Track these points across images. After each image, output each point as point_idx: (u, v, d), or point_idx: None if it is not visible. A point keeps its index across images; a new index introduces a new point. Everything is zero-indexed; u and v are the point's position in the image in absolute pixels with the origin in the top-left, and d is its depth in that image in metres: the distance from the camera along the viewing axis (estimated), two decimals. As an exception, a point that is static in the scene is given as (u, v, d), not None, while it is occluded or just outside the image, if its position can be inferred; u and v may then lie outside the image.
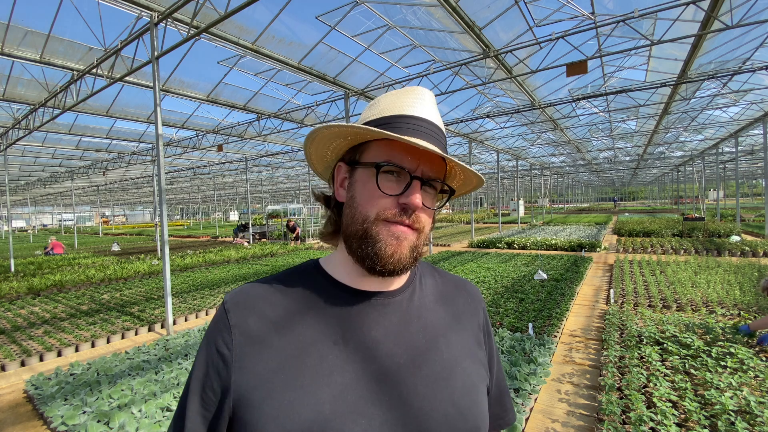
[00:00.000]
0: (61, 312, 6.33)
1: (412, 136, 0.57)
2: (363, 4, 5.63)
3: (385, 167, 0.57)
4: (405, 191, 0.56)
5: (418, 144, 0.54)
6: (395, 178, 0.58)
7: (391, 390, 0.55)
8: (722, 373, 3.18)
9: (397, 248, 0.56)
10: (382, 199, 0.57)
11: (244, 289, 0.62)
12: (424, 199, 0.58)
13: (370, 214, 0.57)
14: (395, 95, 0.62)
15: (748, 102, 10.93)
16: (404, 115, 0.60)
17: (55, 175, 20.49)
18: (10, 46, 5.92)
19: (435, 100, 0.65)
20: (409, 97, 0.62)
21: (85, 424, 2.83)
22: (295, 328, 0.57)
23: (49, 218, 63.05)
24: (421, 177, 0.57)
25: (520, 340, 4.12)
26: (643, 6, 5.57)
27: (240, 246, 16.03)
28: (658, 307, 5.32)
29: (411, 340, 0.60)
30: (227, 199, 55.46)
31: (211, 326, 0.60)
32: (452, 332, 0.66)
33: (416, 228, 0.58)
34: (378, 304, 0.61)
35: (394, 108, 0.61)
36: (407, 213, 0.56)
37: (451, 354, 0.63)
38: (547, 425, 2.82)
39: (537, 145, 18.54)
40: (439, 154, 0.56)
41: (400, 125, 0.58)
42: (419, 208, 0.57)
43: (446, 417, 0.56)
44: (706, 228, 13.38)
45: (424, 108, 0.61)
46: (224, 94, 8.86)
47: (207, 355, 0.58)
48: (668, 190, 57.93)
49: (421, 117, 0.60)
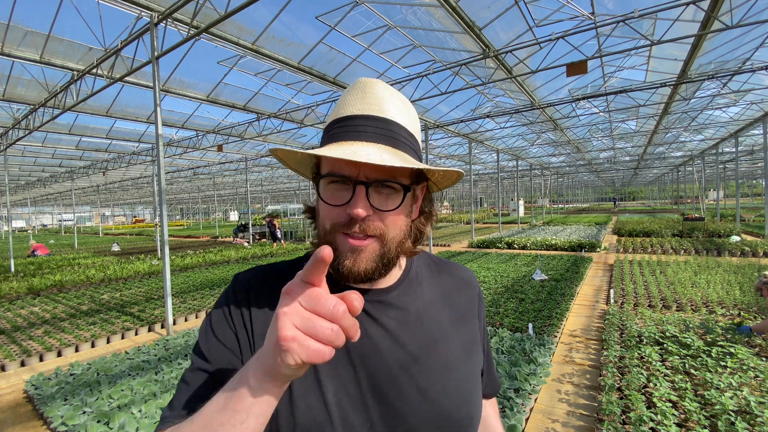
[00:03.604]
0: (61, 312, 6.32)
1: (351, 139, 0.55)
2: (363, 4, 5.63)
3: (327, 179, 0.56)
4: (350, 200, 0.54)
5: (336, 155, 0.51)
6: (341, 186, 0.55)
7: (391, 385, 0.57)
8: (722, 373, 3.18)
9: (354, 261, 0.55)
10: (332, 211, 0.56)
11: (257, 270, 0.66)
12: (377, 201, 0.55)
13: (327, 226, 0.57)
14: (345, 92, 0.61)
15: (748, 102, 10.92)
16: (344, 117, 0.58)
17: (55, 175, 20.48)
18: (10, 46, 5.92)
19: (386, 88, 0.60)
20: (354, 92, 0.60)
21: (85, 424, 2.83)
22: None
23: (49, 218, 63.06)
24: (366, 181, 0.54)
25: (520, 340, 4.12)
26: (643, 6, 5.57)
27: (240, 246, 16.03)
28: (658, 307, 5.32)
29: (409, 335, 0.61)
30: (227, 199, 55.45)
31: (228, 291, 0.63)
32: (449, 323, 0.67)
33: (372, 235, 0.55)
34: (375, 301, 0.62)
35: (339, 109, 0.60)
36: (353, 222, 0.54)
37: (448, 345, 0.64)
38: (547, 425, 2.82)
39: (537, 145, 18.54)
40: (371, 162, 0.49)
41: (340, 130, 0.57)
42: (365, 217, 0.54)
43: (445, 408, 0.58)
44: (706, 228, 13.37)
45: (366, 100, 0.58)
46: (224, 94, 8.86)
47: (225, 304, 0.61)
48: (668, 190, 57.91)
49: (358, 115, 0.57)
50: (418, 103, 9.89)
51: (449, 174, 0.63)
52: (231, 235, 23.01)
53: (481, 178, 38.46)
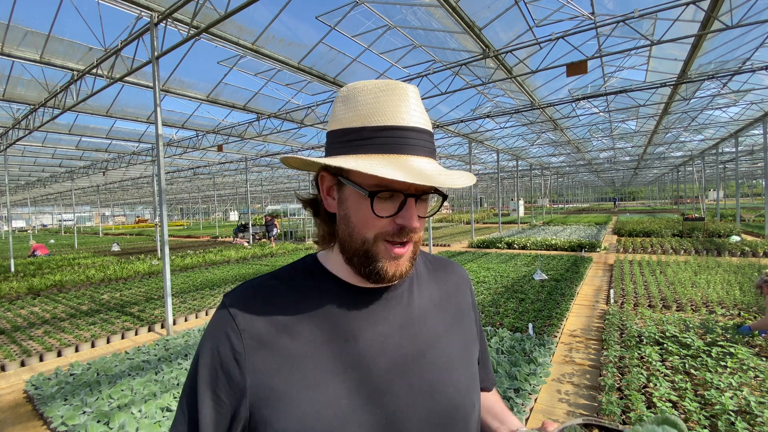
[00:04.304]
0: (61, 312, 6.32)
1: (403, 153, 0.53)
2: (363, 4, 5.63)
3: (379, 194, 0.54)
4: (400, 211, 0.55)
5: (413, 181, 0.48)
6: (388, 198, 0.55)
7: (401, 380, 0.58)
8: (722, 373, 3.18)
9: (397, 267, 0.58)
10: (378, 222, 0.56)
11: (247, 290, 0.61)
12: (418, 211, 0.58)
13: (369, 236, 0.56)
14: (374, 94, 0.55)
15: (748, 102, 10.92)
16: (390, 127, 0.53)
17: (55, 175, 20.48)
18: (10, 46, 5.92)
19: (419, 95, 0.58)
20: (392, 98, 0.55)
21: (85, 425, 2.83)
22: (306, 328, 0.58)
23: (49, 218, 63.04)
24: (415, 193, 0.56)
25: (520, 340, 4.12)
26: (643, 6, 5.57)
27: (240, 246, 16.03)
28: (658, 307, 5.32)
29: (415, 330, 0.63)
30: (227, 199, 55.45)
31: (214, 330, 0.57)
32: (450, 317, 0.70)
33: (413, 241, 0.59)
34: (382, 299, 0.63)
35: (377, 114, 0.54)
36: (404, 232, 0.56)
37: (450, 338, 0.67)
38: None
39: (537, 145, 18.54)
40: (434, 186, 0.51)
41: (389, 142, 0.53)
42: (416, 226, 0.57)
43: (451, 398, 0.61)
44: (706, 228, 13.37)
45: (411, 112, 0.55)
46: (224, 94, 8.86)
47: (214, 359, 0.55)
48: (668, 190, 57.91)
49: (409, 127, 0.54)
50: (418, 103, 9.87)
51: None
52: (231, 235, 23.01)
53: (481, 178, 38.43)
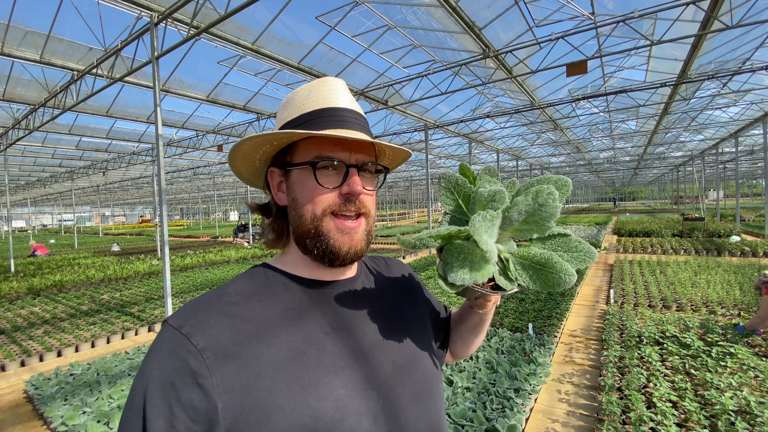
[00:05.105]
0: (61, 312, 6.32)
1: (338, 127, 0.59)
2: (363, 4, 5.63)
3: (321, 163, 0.58)
4: (344, 181, 0.59)
5: (348, 137, 0.56)
6: (332, 171, 0.59)
7: (378, 365, 0.60)
8: (722, 373, 3.18)
9: (351, 243, 0.60)
10: (324, 194, 0.59)
11: (195, 308, 0.54)
12: (363, 183, 0.60)
13: (317, 211, 0.59)
14: (308, 90, 0.63)
15: (748, 102, 10.92)
16: (324, 108, 0.61)
17: (55, 175, 20.47)
18: (10, 46, 5.92)
19: (347, 87, 0.66)
20: (323, 89, 0.63)
21: (85, 425, 2.83)
22: (281, 330, 0.55)
23: (49, 218, 63.04)
24: (356, 164, 0.60)
25: (520, 341, 4.12)
26: (643, 6, 5.57)
27: (240, 246, 16.03)
28: (658, 307, 5.32)
29: (381, 317, 0.65)
30: (227, 199, 55.43)
31: (162, 358, 0.49)
32: (406, 298, 0.74)
33: (363, 213, 0.61)
34: (345, 292, 0.65)
35: (311, 103, 0.61)
36: (352, 201, 0.59)
37: (411, 318, 0.71)
38: (547, 425, 2.82)
39: (537, 145, 18.53)
40: (369, 141, 0.58)
41: (324, 120, 0.60)
42: (362, 193, 0.59)
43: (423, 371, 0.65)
44: (706, 228, 13.37)
45: (341, 97, 0.63)
46: (224, 94, 8.85)
47: (167, 396, 0.46)
48: (668, 191, 57.89)
49: (341, 107, 0.62)
50: (418, 103, 9.89)
51: (399, 154, 0.69)
52: (231, 235, 23.02)
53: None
